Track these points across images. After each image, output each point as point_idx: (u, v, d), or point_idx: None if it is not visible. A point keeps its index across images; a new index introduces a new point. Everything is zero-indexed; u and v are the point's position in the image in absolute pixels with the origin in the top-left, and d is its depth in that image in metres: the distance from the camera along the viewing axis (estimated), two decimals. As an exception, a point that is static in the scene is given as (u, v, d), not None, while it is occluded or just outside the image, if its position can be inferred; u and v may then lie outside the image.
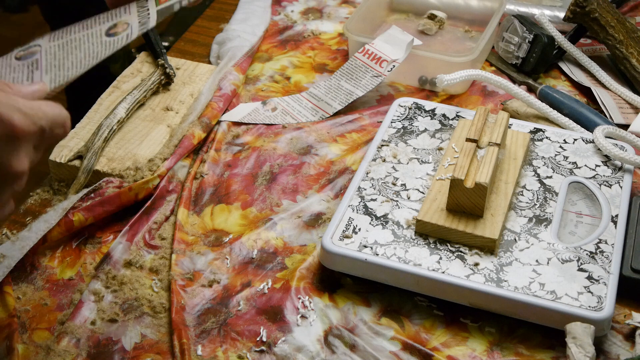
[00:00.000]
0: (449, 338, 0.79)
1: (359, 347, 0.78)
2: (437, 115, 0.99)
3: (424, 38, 1.16)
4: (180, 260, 0.87)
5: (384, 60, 1.05)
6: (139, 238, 0.89)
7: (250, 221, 0.91)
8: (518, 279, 0.79)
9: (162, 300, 0.83)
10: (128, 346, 0.79)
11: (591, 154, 0.93)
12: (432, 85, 1.09)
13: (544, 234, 0.83)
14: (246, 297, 0.83)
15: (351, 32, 1.10)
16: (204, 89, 1.08)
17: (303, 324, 0.80)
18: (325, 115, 1.05)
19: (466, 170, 0.83)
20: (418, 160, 0.92)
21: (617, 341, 0.78)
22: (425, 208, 0.84)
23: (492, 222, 0.83)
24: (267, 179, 0.96)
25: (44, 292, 0.85)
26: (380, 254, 0.81)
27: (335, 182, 0.95)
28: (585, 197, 0.88)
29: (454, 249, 0.82)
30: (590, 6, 1.09)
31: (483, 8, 1.18)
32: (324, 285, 0.84)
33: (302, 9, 1.26)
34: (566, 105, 1.03)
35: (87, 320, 0.81)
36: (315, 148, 1.00)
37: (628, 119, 1.03)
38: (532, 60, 1.09)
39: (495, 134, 0.88)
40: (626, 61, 1.08)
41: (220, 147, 1.01)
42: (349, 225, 0.84)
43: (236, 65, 1.11)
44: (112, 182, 0.94)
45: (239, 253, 0.88)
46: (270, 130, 1.04)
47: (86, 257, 0.88)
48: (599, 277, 0.79)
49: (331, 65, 1.15)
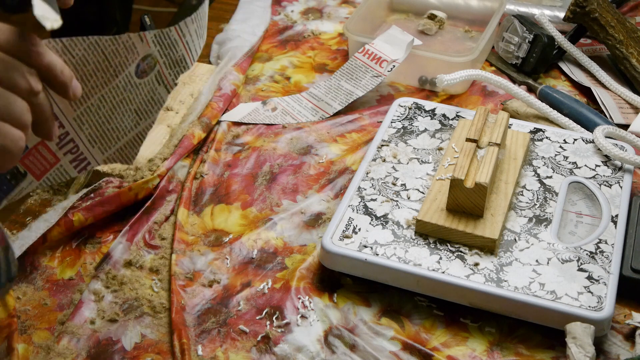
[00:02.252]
0: (449, 338, 0.79)
1: (359, 347, 0.78)
2: (437, 115, 0.99)
3: (424, 38, 1.16)
4: (180, 260, 0.87)
5: (384, 60, 1.05)
6: (139, 238, 0.89)
7: (250, 221, 0.91)
8: (518, 279, 0.79)
9: (162, 300, 0.83)
10: (128, 346, 0.79)
11: (591, 154, 0.93)
12: (432, 85, 1.09)
13: (544, 234, 0.83)
14: (246, 297, 0.83)
15: (351, 32, 1.10)
16: (204, 89, 1.08)
17: (303, 324, 0.80)
18: (325, 115, 1.05)
19: (466, 170, 0.83)
20: (418, 160, 0.92)
21: (617, 341, 0.78)
22: (425, 208, 0.84)
23: (492, 222, 0.83)
24: (267, 179, 0.96)
25: (44, 292, 0.85)
26: (380, 254, 0.81)
27: (335, 182, 0.95)
28: (585, 197, 0.88)
29: (454, 249, 0.82)
30: (590, 6, 1.09)
31: (483, 8, 1.18)
32: (324, 285, 0.84)
33: (302, 9, 1.26)
34: (566, 105, 1.03)
35: (87, 320, 0.81)
36: (315, 148, 1.00)
37: (628, 119, 1.03)
38: (532, 60, 1.09)
39: (495, 134, 0.88)
40: (626, 61, 1.08)
41: (220, 147, 1.01)
42: (349, 225, 0.84)
43: (236, 65, 1.11)
44: (112, 182, 0.94)
45: (239, 253, 0.88)
46: (270, 130, 1.04)
47: (86, 257, 0.88)
48: (599, 277, 0.79)
49: (331, 65, 1.15)
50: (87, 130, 0.70)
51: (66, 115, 0.68)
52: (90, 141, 0.71)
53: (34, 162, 0.69)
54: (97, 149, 0.72)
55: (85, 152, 0.72)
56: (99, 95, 0.69)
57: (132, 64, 0.69)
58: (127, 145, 0.74)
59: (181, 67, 0.73)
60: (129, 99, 0.71)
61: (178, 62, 0.72)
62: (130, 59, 0.68)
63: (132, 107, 0.71)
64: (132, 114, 0.72)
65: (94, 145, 0.72)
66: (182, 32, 0.71)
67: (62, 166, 0.71)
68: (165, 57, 0.71)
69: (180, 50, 0.72)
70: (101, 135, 0.71)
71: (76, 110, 0.69)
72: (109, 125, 0.71)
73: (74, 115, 0.69)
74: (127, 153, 0.75)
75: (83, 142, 0.71)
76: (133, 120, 0.72)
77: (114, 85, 0.69)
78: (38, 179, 0.70)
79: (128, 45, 0.68)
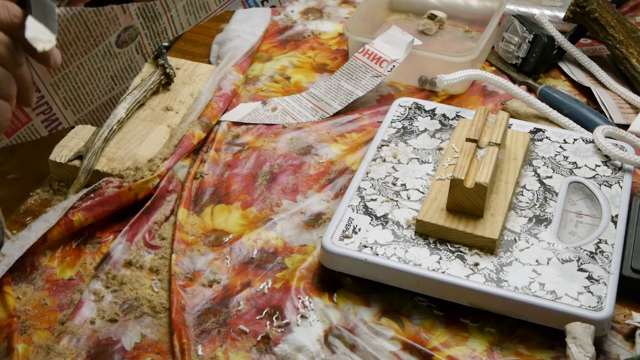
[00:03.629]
0: (449, 338, 0.79)
1: (359, 347, 0.78)
2: (437, 115, 0.99)
3: (424, 38, 1.16)
4: (180, 260, 0.87)
5: (384, 60, 1.05)
6: (139, 238, 0.89)
7: (250, 221, 0.91)
8: (518, 279, 0.79)
9: (162, 300, 0.83)
10: (128, 346, 0.79)
11: (591, 154, 0.93)
12: (432, 85, 1.09)
13: (544, 234, 0.83)
14: (246, 297, 0.83)
15: (351, 32, 1.10)
16: (204, 89, 1.08)
17: (303, 324, 0.80)
18: (325, 115, 1.05)
19: (466, 170, 0.83)
20: (418, 160, 0.92)
21: (617, 341, 0.78)
22: (425, 208, 0.84)
23: (492, 222, 0.83)
24: (267, 179, 0.96)
25: (44, 292, 0.85)
26: (380, 254, 0.81)
27: (335, 182, 0.95)
28: (585, 197, 0.88)
29: (454, 249, 0.82)
30: (590, 6, 1.09)
31: (483, 8, 1.18)
32: (324, 285, 0.84)
33: (302, 9, 1.26)
34: (566, 105, 1.03)
35: (87, 320, 0.81)
36: (315, 148, 1.00)
37: (628, 119, 1.03)
38: (532, 60, 1.09)
39: (495, 134, 0.88)
40: (626, 61, 1.08)
41: (220, 147, 1.01)
42: (349, 225, 0.84)
43: (236, 65, 1.11)
44: (112, 182, 0.94)
45: (239, 253, 0.88)
46: (270, 130, 1.04)
47: (86, 257, 0.88)
48: (599, 277, 0.79)
49: (331, 65, 1.15)
50: (62, 95, 0.71)
51: (43, 81, 0.69)
52: (64, 104, 0.72)
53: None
54: (70, 111, 0.73)
55: (58, 113, 0.73)
56: (78, 63, 0.70)
57: (113, 35, 0.70)
58: (100, 108, 0.75)
59: (161, 37, 0.74)
60: (107, 66, 0.72)
61: (159, 33, 0.73)
62: (112, 29, 0.69)
63: (109, 73, 0.72)
64: (108, 80, 0.73)
65: (66, 107, 0.72)
66: (168, 6, 0.72)
67: (33, 125, 0.72)
68: (148, 29, 0.72)
69: (163, 23, 0.73)
70: (75, 98, 0.72)
71: (54, 77, 0.69)
72: (84, 90, 0.72)
73: (51, 82, 0.70)
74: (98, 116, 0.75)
75: (57, 104, 0.72)
76: (108, 85, 0.73)
77: (94, 54, 0.70)
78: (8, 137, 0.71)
79: (110, 17, 0.69)
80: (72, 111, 0.73)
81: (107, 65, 0.72)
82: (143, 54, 0.73)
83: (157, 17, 0.72)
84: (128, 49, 0.72)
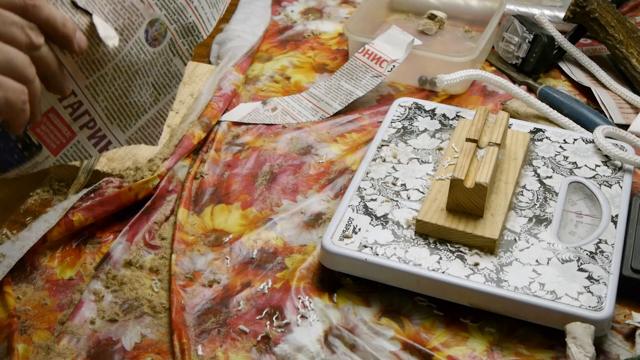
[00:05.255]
0: (449, 338, 0.79)
1: (359, 347, 0.78)
2: (437, 115, 0.99)
3: (424, 38, 1.16)
4: (180, 260, 0.87)
5: (384, 60, 1.05)
6: (139, 238, 0.89)
7: (250, 221, 0.92)
8: (518, 279, 0.79)
9: (162, 300, 0.83)
10: (128, 346, 0.79)
11: (591, 154, 0.93)
12: (432, 85, 1.09)
13: (544, 234, 0.83)
14: (246, 297, 0.83)
15: (351, 32, 1.10)
16: (204, 89, 1.08)
17: (303, 324, 0.80)
18: (325, 116, 1.05)
19: (466, 170, 0.83)
20: (418, 160, 0.92)
21: (617, 341, 0.78)
22: (425, 208, 0.84)
23: (492, 222, 0.83)
24: (267, 179, 0.96)
25: (44, 292, 0.85)
26: (380, 254, 0.81)
27: (335, 182, 0.95)
28: (585, 197, 0.88)
29: (454, 249, 0.82)
30: (590, 6, 1.09)
31: (483, 8, 1.18)
32: (324, 285, 0.84)
33: (302, 9, 1.26)
34: (566, 105, 1.03)
35: (87, 320, 0.81)
36: (315, 148, 1.00)
37: (628, 119, 1.03)
38: (532, 60, 1.09)
39: (495, 134, 0.88)
40: (626, 61, 1.08)
41: (220, 147, 1.01)
42: (349, 225, 0.84)
43: (236, 65, 1.12)
44: (112, 182, 0.94)
45: (239, 253, 0.88)
46: (270, 130, 1.04)
47: (86, 257, 0.88)
48: (599, 277, 0.79)
49: (331, 65, 1.15)
50: (102, 103, 0.69)
51: (77, 80, 0.67)
52: (107, 116, 0.70)
53: (47, 133, 0.68)
54: (117, 126, 0.70)
55: (104, 129, 0.70)
56: (113, 63, 0.67)
57: (140, 28, 0.68)
58: (149, 123, 0.72)
59: (194, 36, 0.71)
60: (144, 70, 0.69)
61: (190, 30, 0.71)
62: (135, 22, 0.67)
63: (148, 80, 0.70)
64: (150, 88, 0.70)
65: (112, 121, 0.70)
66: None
67: (80, 142, 0.70)
68: (175, 23, 0.69)
69: (190, 17, 0.70)
70: (119, 109, 0.70)
71: (88, 77, 0.67)
72: (126, 100, 0.70)
73: (87, 83, 0.67)
74: (150, 132, 0.72)
75: (100, 115, 0.69)
76: (152, 95, 0.71)
77: (126, 52, 0.68)
78: (55, 154, 0.69)
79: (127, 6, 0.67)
80: (118, 126, 0.70)
81: (144, 69, 0.69)
82: (180, 55, 0.71)
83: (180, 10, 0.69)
84: (162, 49, 0.69)
